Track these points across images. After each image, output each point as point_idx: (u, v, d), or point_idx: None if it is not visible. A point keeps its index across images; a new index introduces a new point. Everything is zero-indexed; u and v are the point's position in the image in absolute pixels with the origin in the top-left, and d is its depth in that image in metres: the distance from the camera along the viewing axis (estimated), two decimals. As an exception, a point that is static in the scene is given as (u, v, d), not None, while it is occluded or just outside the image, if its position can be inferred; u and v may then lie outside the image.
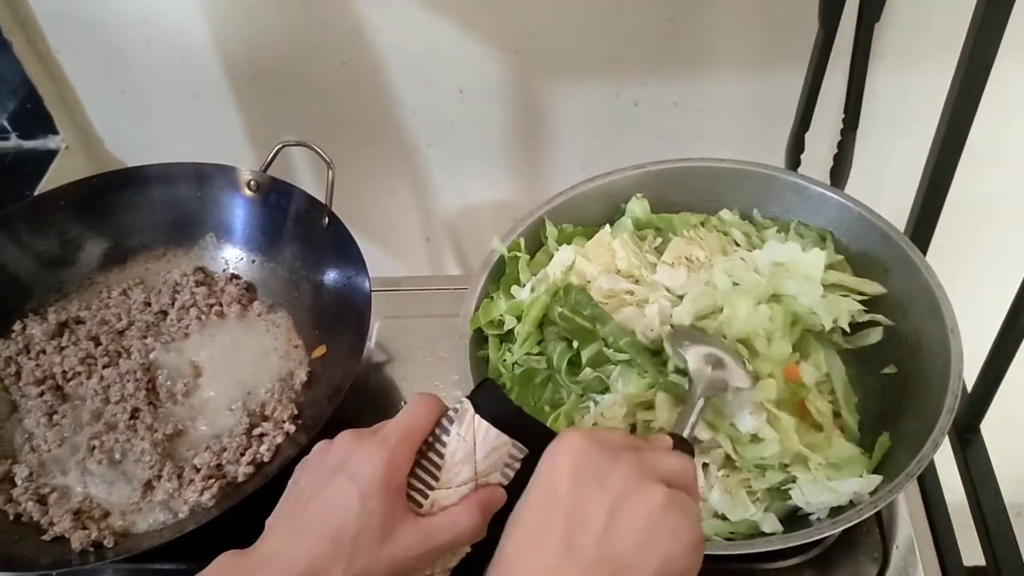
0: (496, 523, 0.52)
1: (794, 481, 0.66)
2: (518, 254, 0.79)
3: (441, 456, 0.51)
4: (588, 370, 0.72)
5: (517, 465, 0.52)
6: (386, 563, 0.48)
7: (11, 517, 0.76)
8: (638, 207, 0.83)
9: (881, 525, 0.75)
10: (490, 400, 0.51)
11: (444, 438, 0.51)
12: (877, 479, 0.64)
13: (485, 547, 0.53)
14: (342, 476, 0.49)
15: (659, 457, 0.49)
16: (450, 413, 0.52)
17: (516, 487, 0.53)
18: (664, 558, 0.44)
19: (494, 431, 0.51)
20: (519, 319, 0.76)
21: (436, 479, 0.51)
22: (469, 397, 0.52)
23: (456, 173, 1.21)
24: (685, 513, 0.46)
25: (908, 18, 0.96)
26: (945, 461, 0.83)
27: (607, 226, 0.83)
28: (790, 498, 0.66)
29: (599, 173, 0.84)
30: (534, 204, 0.83)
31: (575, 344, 0.73)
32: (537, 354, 0.76)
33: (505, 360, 0.76)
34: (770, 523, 0.66)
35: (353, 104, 1.12)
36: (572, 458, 0.47)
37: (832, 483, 0.64)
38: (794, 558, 0.72)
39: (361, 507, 0.48)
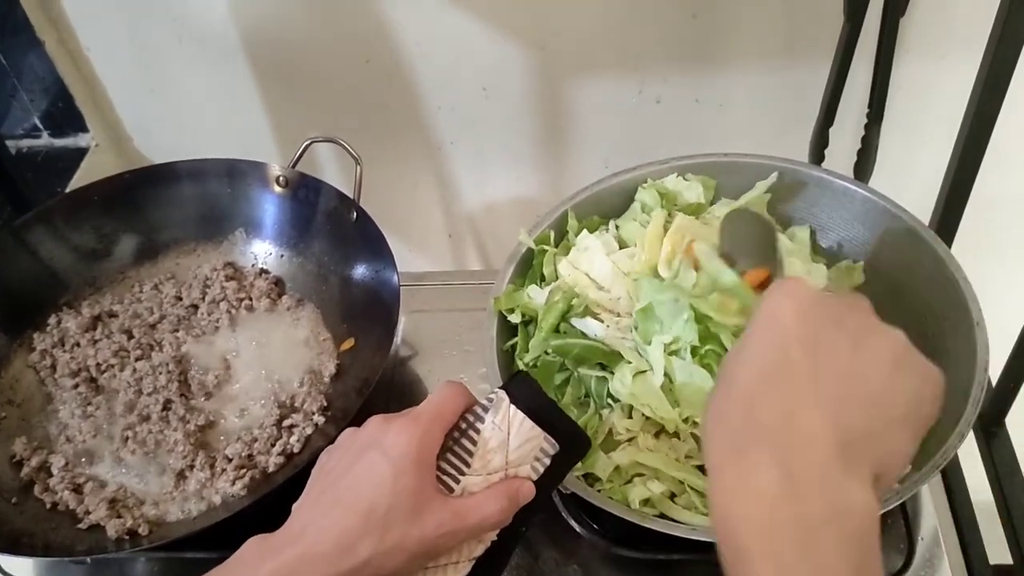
0: (521, 516, 0.53)
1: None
2: (546, 247, 0.80)
3: (474, 443, 0.52)
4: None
5: (547, 461, 0.53)
6: (416, 540, 0.49)
7: (48, 506, 0.77)
8: (647, 195, 0.83)
9: (906, 517, 0.75)
10: (525, 392, 0.52)
11: (478, 425, 0.52)
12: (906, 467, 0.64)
13: (511, 537, 0.54)
14: (374, 452, 0.49)
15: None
16: (484, 402, 0.53)
17: (544, 483, 0.54)
18: (913, 399, 0.42)
19: (528, 422, 0.52)
20: (529, 316, 0.77)
21: (468, 465, 0.51)
22: (504, 388, 0.53)
23: (479, 170, 1.22)
24: (925, 358, 0.43)
25: (933, 12, 0.96)
26: (968, 469, 0.83)
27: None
28: None
29: (622, 169, 0.85)
30: (556, 201, 0.83)
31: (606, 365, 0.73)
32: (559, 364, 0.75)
33: (523, 358, 0.76)
34: None
35: (377, 101, 1.13)
36: (799, 299, 0.42)
37: None
38: (819, 549, 0.73)
39: (393, 482, 0.48)
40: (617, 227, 0.82)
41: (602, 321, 0.74)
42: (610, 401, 0.72)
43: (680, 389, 0.69)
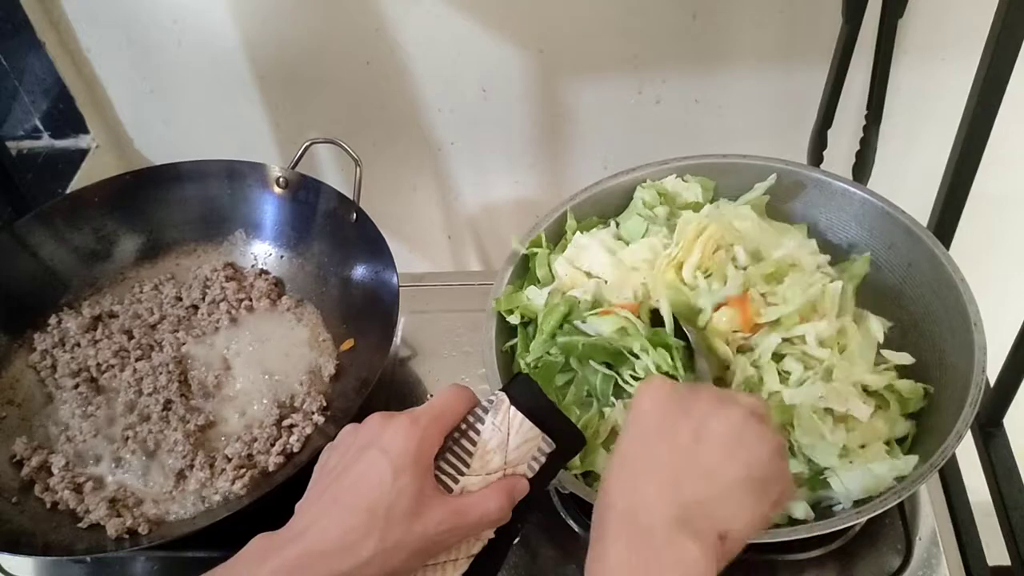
0: (517, 513, 0.53)
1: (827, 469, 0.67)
2: (537, 249, 0.80)
3: (474, 444, 0.52)
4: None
5: (543, 459, 0.54)
6: (417, 537, 0.49)
7: (48, 505, 0.77)
8: (647, 194, 0.83)
9: (904, 517, 0.75)
10: (525, 393, 0.53)
11: (478, 426, 0.52)
12: (913, 459, 0.65)
13: (508, 534, 0.54)
14: (374, 451, 0.50)
15: (733, 393, 0.56)
16: (484, 403, 0.53)
17: (539, 480, 0.54)
18: (749, 463, 0.50)
19: (528, 423, 0.52)
20: (528, 318, 0.77)
21: (467, 465, 0.52)
22: (504, 389, 0.53)
23: (479, 171, 1.22)
24: (763, 425, 0.52)
25: (931, 14, 0.96)
26: (967, 469, 0.83)
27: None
28: (828, 487, 0.66)
29: (621, 170, 0.85)
30: (556, 202, 0.83)
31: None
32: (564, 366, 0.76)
33: (524, 359, 0.76)
34: (802, 509, 0.66)
35: (377, 102, 1.13)
36: (657, 395, 0.53)
37: (872, 466, 0.65)
38: (816, 549, 0.73)
39: (394, 481, 0.49)
40: (617, 224, 0.82)
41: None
42: (614, 399, 0.72)
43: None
